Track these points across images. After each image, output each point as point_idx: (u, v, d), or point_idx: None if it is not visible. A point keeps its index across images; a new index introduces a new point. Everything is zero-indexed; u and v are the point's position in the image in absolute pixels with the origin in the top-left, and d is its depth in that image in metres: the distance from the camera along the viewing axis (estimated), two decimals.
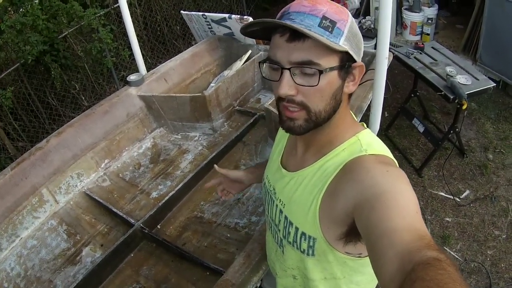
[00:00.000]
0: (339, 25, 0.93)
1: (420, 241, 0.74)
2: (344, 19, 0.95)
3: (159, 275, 2.22)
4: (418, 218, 0.82)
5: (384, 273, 0.73)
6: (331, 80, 0.96)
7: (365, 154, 1.01)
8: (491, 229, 3.07)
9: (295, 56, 0.92)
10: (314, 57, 0.92)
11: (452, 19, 5.18)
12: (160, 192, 2.81)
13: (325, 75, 0.93)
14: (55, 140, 2.76)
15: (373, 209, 0.86)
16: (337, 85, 0.98)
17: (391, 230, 0.78)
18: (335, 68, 0.95)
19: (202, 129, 3.31)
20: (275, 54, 0.95)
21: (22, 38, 3.54)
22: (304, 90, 0.95)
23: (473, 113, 4.16)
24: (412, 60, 3.54)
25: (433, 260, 0.66)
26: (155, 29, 5.50)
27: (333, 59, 0.95)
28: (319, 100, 0.97)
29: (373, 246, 0.81)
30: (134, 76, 3.28)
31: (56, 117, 4.46)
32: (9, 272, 2.33)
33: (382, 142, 1.10)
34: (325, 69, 0.93)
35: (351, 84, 1.03)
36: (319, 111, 0.98)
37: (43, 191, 2.63)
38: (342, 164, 1.02)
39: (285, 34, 0.93)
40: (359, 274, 1.20)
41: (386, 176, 0.92)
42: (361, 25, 5.10)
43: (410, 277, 0.65)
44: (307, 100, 0.96)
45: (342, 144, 1.07)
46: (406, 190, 0.89)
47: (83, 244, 2.49)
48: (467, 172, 3.56)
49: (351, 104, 2.49)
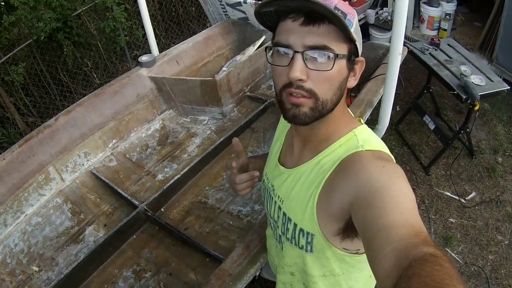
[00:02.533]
0: (349, 17, 0.92)
1: (416, 237, 0.73)
2: (352, 13, 0.94)
3: (160, 258, 2.24)
4: (415, 214, 0.81)
5: (381, 269, 0.73)
6: (341, 69, 0.95)
7: (361, 150, 1.00)
8: (494, 233, 3.02)
9: (310, 39, 0.90)
10: (329, 42, 0.90)
11: (470, 16, 5.08)
12: (166, 175, 2.82)
13: (337, 62, 0.92)
14: (64, 118, 2.76)
15: (369, 205, 0.85)
16: (345, 74, 0.97)
17: (387, 226, 0.78)
18: (345, 56, 0.94)
19: (212, 113, 3.31)
20: (287, 38, 0.93)
21: (35, 14, 3.54)
22: (314, 77, 0.93)
23: (485, 114, 4.09)
24: (427, 56, 3.47)
25: (430, 256, 0.66)
26: (170, 10, 5.47)
27: (344, 48, 0.94)
28: (328, 88, 0.95)
29: (369, 243, 0.81)
30: (146, 57, 3.27)
31: (67, 94, 4.48)
32: (12, 248, 2.36)
33: (379, 138, 1.09)
34: (339, 55, 0.92)
35: (352, 79, 1.02)
36: (326, 100, 0.96)
37: (49, 169, 2.65)
38: (338, 160, 1.02)
39: (299, 18, 0.91)
40: (358, 270, 1.20)
41: (382, 172, 0.91)
42: (378, 16, 5.03)
43: (406, 273, 0.65)
44: (316, 88, 0.94)
45: (339, 140, 1.06)
46: (403, 186, 0.88)
47: (86, 223, 2.51)
48: (475, 173, 3.50)
49: (361, 98, 2.50)
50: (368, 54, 3.21)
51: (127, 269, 2.21)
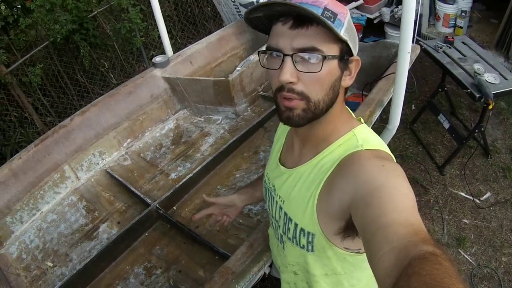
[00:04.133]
0: (339, 17, 0.93)
1: (416, 235, 0.73)
2: (344, 12, 0.95)
3: (170, 256, 2.27)
4: (414, 212, 0.81)
5: (380, 268, 0.73)
6: (332, 69, 0.95)
7: (361, 149, 1.00)
8: (509, 235, 2.96)
9: (298, 42, 0.92)
10: (318, 44, 0.91)
11: (486, 13, 4.99)
12: (179, 173, 2.85)
13: (326, 63, 0.93)
14: (79, 118, 2.82)
15: (368, 204, 0.85)
16: (336, 75, 0.98)
17: (387, 225, 0.78)
18: (336, 57, 0.95)
19: (225, 112, 3.33)
20: (277, 41, 0.95)
21: (51, 17, 3.60)
22: (305, 78, 0.94)
23: (501, 112, 4.01)
24: (441, 54, 3.43)
25: (429, 254, 0.66)
26: (186, 10, 5.51)
27: (334, 49, 0.95)
28: (319, 89, 0.96)
29: (369, 242, 0.81)
30: (160, 57, 3.31)
31: (85, 93, 4.55)
32: (28, 244, 2.42)
33: (378, 137, 1.09)
34: (328, 56, 0.93)
35: (347, 78, 1.02)
36: (318, 101, 0.97)
37: (65, 167, 2.71)
38: (338, 159, 1.02)
39: (288, 21, 0.93)
40: (360, 269, 1.20)
41: (381, 171, 0.91)
42: (393, 14, 4.99)
43: (406, 271, 0.64)
44: (307, 89, 0.95)
45: (338, 140, 1.06)
46: (402, 185, 0.88)
47: (100, 220, 2.56)
48: (490, 173, 3.44)
49: (372, 98, 2.50)
50: (380, 53, 3.21)
51: (139, 265, 2.25)
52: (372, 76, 3.00)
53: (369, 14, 5.14)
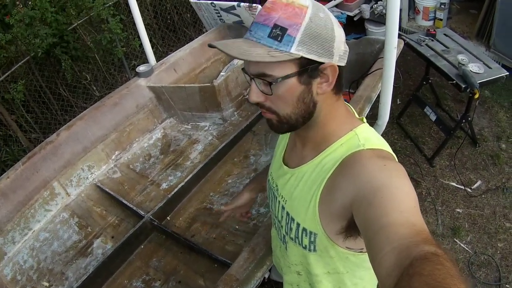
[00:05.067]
0: (290, 31, 0.91)
1: (418, 235, 0.73)
2: (297, 22, 0.92)
3: (168, 267, 2.25)
4: (416, 212, 0.82)
5: (382, 268, 0.72)
6: (290, 87, 0.96)
7: (362, 148, 1.00)
8: (502, 221, 3.00)
9: (252, 69, 0.97)
10: (266, 69, 0.94)
11: (465, 4, 5.01)
12: (170, 183, 2.83)
13: (278, 84, 0.95)
14: (65, 133, 2.78)
15: (370, 204, 0.85)
16: (299, 90, 0.97)
17: (388, 225, 0.78)
18: (291, 75, 0.95)
19: (212, 118, 3.31)
20: (244, 64, 1.01)
21: (31, 31, 3.55)
22: (269, 97, 0.99)
23: (486, 101, 4.05)
24: (424, 48, 3.45)
25: (431, 255, 0.65)
26: (166, 17, 5.47)
27: (288, 67, 0.94)
28: (284, 105, 0.99)
29: (370, 241, 0.81)
30: (143, 67, 3.28)
31: (68, 108, 4.49)
32: (22, 265, 2.38)
33: (380, 136, 1.09)
34: (277, 79, 0.94)
35: (324, 85, 1.00)
36: (287, 115, 1.01)
37: (54, 184, 2.67)
38: (340, 159, 1.02)
39: None
40: (362, 269, 1.20)
41: (383, 170, 0.91)
42: (373, 11, 5.03)
43: (407, 272, 0.64)
44: (274, 106, 1.00)
45: (340, 139, 1.06)
46: (404, 184, 0.88)
47: (94, 236, 2.53)
48: (479, 162, 3.48)
49: (360, 95, 2.50)
50: (364, 50, 3.21)
51: (137, 279, 2.22)
52: (357, 73, 3.00)
53: (349, 11, 5.16)
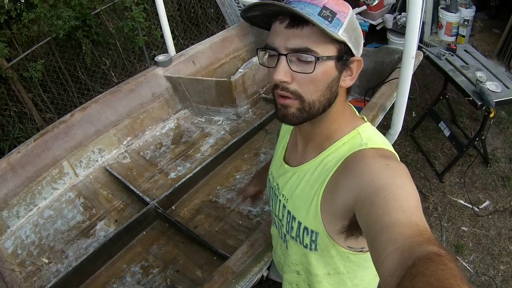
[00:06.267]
0: (339, 16, 0.91)
1: (421, 236, 0.72)
2: (345, 11, 0.93)
3: (168, 255, 2.25)
4: (418, 212, 0.80)
5: (385, 268, 0.72)
6: (327, 70, 0.94)
7: (365, 148, 0.99)
8: (507, 244, 2.96)
9: (293, 42, 0.91)
10: (312, 45, 0.90)
11: (489, 22, 4.98)
12: (179, 173, 2.83)
13: (321, 64, 0.92)
14: (79, 114, 2.80)
15: (372, 204, 0.84)
16: (333, 76, 0.96)
17: (391, 224, 0.77)
18: (332, 57, 0.93)
19: (226, 114, 3.32)
20: (273, 40, 0.94)
21: (55, 12, 3.59)
22: (299, 78, 0.94)
23: (502, 122, 4.00)
24: (443, 62, 3.42)
25: (434, 255, 0.65)
26: (189, 11, 5.51)
27: (331, 49, 0.93)
28: (314, 89, 0.95)
29: (373, 241, 0.80)
30: (162, 56, 3.30)
31: (85, 91, 4.53)
32: (24, 240, 2.39)
33: (382, 136, 1.07)
34: (321, 57, 0.91)
35: (348, 79, 1.00)
36: (313, 101, 0.96)
37: (63, 163, 2.68)
38: (342, 158, 1.01)
39: (285, 20, 0.92)
40: (363, 269, 1.19)
41: (386, 170, 0.90)
42: (396, 21, 5.00)
43: (410, 272, 0.64)
44: (301, 89, 0.95)
45: (342, 138, 1.05)
46: (406, 184, 0.87)
47: (98, 218, 2.53)
48: (489, 182, 3.43)
49: (374, 102, 2.48)
50: (383, 58, 3.20)
51: (136, 264, 2.23)
52: (374, 81, 2.99)
53: (372, 20, 5.15)
